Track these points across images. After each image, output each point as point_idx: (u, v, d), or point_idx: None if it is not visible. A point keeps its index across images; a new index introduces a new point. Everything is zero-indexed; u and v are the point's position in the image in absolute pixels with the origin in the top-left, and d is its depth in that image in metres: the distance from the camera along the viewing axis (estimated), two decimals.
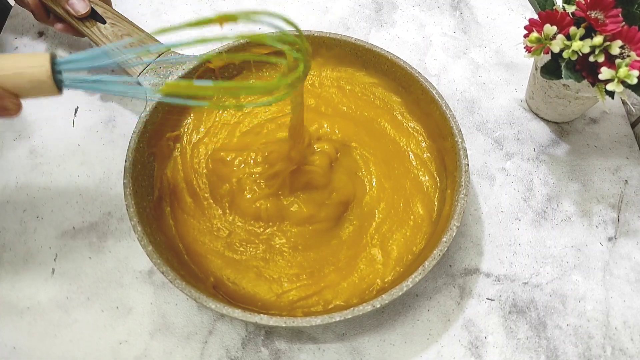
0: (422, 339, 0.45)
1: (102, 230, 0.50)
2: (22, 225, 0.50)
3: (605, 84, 0.42)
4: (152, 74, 0.51)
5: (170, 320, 0.45)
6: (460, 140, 0.46)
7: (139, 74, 0.51)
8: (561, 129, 0.57)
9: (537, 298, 0.47)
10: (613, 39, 0.42)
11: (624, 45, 0.42)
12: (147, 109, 0.48)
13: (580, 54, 0.43)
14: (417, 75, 0.50)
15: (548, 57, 0.46)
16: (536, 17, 0.46)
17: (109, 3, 0.55)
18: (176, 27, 0.32)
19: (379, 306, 0.39)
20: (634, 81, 0.40)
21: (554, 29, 0.44)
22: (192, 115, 0.53)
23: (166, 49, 0.52)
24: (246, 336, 0.45)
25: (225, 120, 0.53)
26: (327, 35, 0.53)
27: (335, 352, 0.44)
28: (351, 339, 0.45)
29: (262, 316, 0.39)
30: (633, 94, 0.44)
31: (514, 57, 0.62)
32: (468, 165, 0.45)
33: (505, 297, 0.47)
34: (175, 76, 0.50)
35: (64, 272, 0.48)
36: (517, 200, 0.52)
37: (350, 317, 0.39)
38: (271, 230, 0.47)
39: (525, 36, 0.46)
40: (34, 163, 0.53)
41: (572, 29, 0.43)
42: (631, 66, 0.41)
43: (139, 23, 0.54)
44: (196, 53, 0.52)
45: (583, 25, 0.43)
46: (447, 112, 0.48)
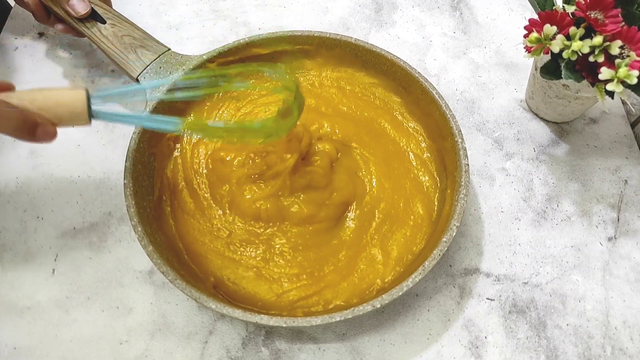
0: (422, 338, 0.45)
1: (103, 230, 0.50)
2: (22, 225, 0.50)
3: (605, 84, 0.42)
4: (153, 74, 0.51)
5: (170, 320, 0.45)
6: (460, 140, 0.46)
7: (139, 74, 0.51)
8: (561, 129, 0.57)
9: (537, 298, 0.47)
10: (613, 39, 0.42)
11: (623, 45, 0.42)
12: (148, 109, 0.48)
13: (580, 54, 0.43)
14: (417, 76, 0.50)
15: (548, 57, 0.46)
16: (536, 17, 0.46)
17: (109, 3, 0.55)
18: (192, 76, 0.40)
19: (379, 306, 0.39)
20: (634, 81, 0.40)
21: (554, 29, 0.44)
22: (192, 116, 0.53)
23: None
24: (246, 336, 0.45)
25: (226, 120, 0.53)
26: (327, 36, 0.53)
27: (336, 352, 0.44)
28: (351, 339, 0.45)
29: (262, 316, 0.39)
30: (633, 94, 0.44)
31: (514, 57, 0.62)
32: (468, 165, 0.45)
33: (505, 297, 0.47)
34: (176, 76, 0.50)
35: (64, 272, 0.48)
36: (517, 200, 0.52)
37: (350, 317, 0.39)
38: (271, 230, 0.47)
39: (525, 36, 0.46)
40: (34, 163, 0.54)
41: (572, 29, 0.43)
42: (631, 66, 0.41)
43: (139, 23, 0.54)
44: (196, 53, 0.52)
45: (583, 25, 0.43)
46: (447, 112, 0.48)
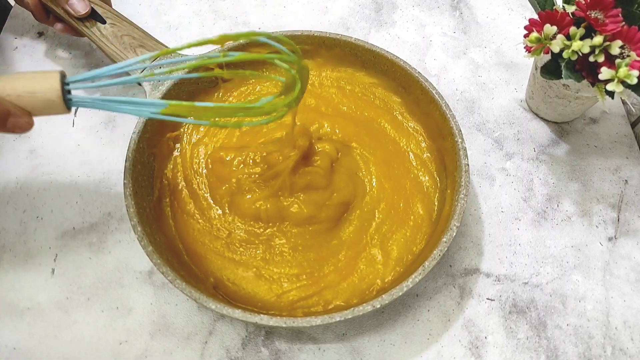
0: (422, 339, 0.45)
1: (102, 230, 0.50)
2: (22, 226, 0.50)
3: (605, 84, 0.42)
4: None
5: (170, 320, 0.45)
6: (460, 140, 0.46)
7: (139, 74, 0.51)
8: (561, 129, 0.57)
9: (537, 298, 0.47)
10: (613, 39, 0.42)
11: (624, 45, 0.42)
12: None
13: (580, 54, 0.43)
14: (417, 75, 0.50)
15: (548, 57, 0.46)
16: (536, 17, 0.46)
17: (108, 3, 0.55)
18: (179, 48, 0.33)
19: (379, 306, 0.39)
20: (634, 81, 0.40)
21: (554, 29, 0.44)
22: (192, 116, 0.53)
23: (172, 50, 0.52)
24: (246, 336, 0.45)
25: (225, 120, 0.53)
26: (327, 35, 0.53)
27: (336, 352, 0.44)
28: (351, 339, 0.45)
29: (262, 316, 0.39)
30: (633, 94, 0.44)
31: (514, 57, 0.62)
32: (468, 165, 0.45)
33: (505, 297, 0.47)
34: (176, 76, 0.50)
35: (64, 273, 0.48)
36: (517, 200, 0.52)
37: (350, 317, 0.39)
38: (271, 230, 0.47)
39: (525, 36, 0.46)
40: (34, 163, 0.53)
41: (572, 29, 0.43)
42: (631, 66, 0.41)
43: (139, 23, 0.54)
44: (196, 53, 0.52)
45: (583, 25, 0.43)
46: (447, 112, 0.48)
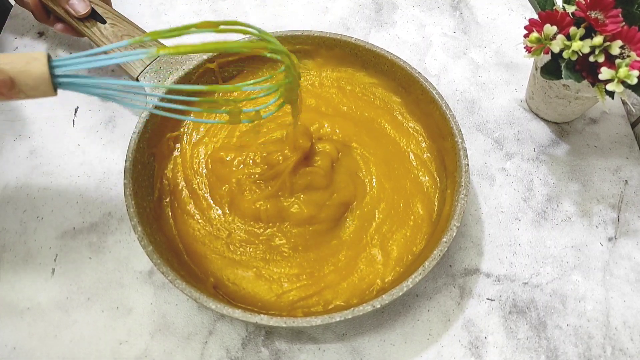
0: (422, 339, 0.45)
1: (102, 230, 0.50)
2: (22, 226, 0.50)
3: (605, 84, 0.42)
4: (153, 74, 0.51)
5: (170, 320, 0.45)
6: (460, 141, 0.46)
7: (139, 73, 0.51)
8: (561, 129, 0.57)
9: (537, 298, 0.47)
10: (613, 39, 0.42)
11: (624, 46, 0.42)
12: (148, 109, 0.48)
13: (580, 54, 0.43)
14: (417, 76, 0.50)
15: (548, 57, 0.46)
16: (536, 17, 0.46)
17: (109, 3, 0.55)
18: (163, 32, 0.32)
19: (379, 306, 0.39)
20: (634, 81, 0.40)
21: (554, 29, 0.44)
22: (192, 115, 0.53)
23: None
24: (246, 336, 0.45)
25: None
26: (327, 35, 0.53)
27: (336, 352, 0.44)
28: (351, 339, 0.45)
29: (262, 316, 0.39)
30: (633, 94, 0.44)
31: (514, 57, 0.62)
32: (468, 165, 0.45)
33: (505, 297, 0.47)
34: (176, 76, 0.50)
35: (64, 273, 0.48)
36: (517, 200, 0.52)
37: (350, 317, 0.39)
38: (271, 230, 0.47)
39: (525, 36, 0.46)
40: (34, 163, 0.53)
41: (572, 29, 0.43)
42: (631, 66, 0.41)
43: (139, 23, 0.54)
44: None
45: (583, 25, 0.43)
46: (447, 112, 0.48)
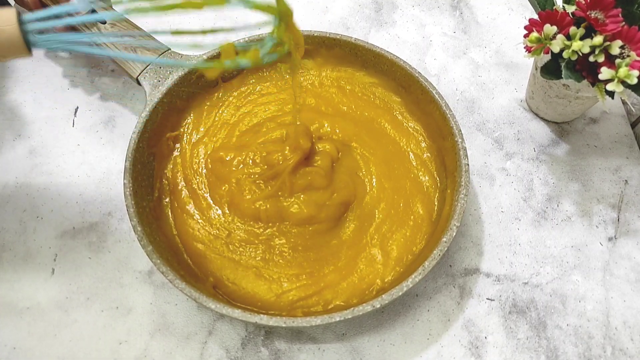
0: (422, 339, 0.45)
1: (102, 230, 0.50)
2: (21, 225, 0.50)
3: (605, 84, 0.42)
4: (152, 73, 0.51)
5: (170, 320, 0.45)
6: (460, 140, 0.46)
7: (139, 73, 0.51)
8: (561, 128, 0.57)
9: (537, 298, 0.47)
10: (613, 39, 0.42)
11: (624, 45, 0.42)
12: (147, 109, 0.48)
13: (580, 54, 0.43)
14: (417, 75, 0.50)
15: (548, 57, 0.46)
16: (536, 17, 0.46)
17: (109, 3, 0.55)
18: (145, 8, 0.32)
19: (379, 306, 0.39)
20: (634, 81, 0.40)
21: (554, 29, 0.44)
22: (192, 115, 0.53)
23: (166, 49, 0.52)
24: (246, 336, 0.45)
25: (225, 119, 0.53)
26: (327, 35, 0.53)
27: (335, 352, 0.44)
28: (351, 339, 0.45)
29: (262, 316, 0.39)
30: (633, 94, 0.44)
31: (514, 57, 0.62)
32: (468, 165, 0.45)
33: (505, 297, 0.47)
34: (176, 76, 0.50)
35: (64, 272, 0.48)
36: (517, 200, 0.52)
37: (350, 317, 0.39)
38: (271, 230, 0.47)
39: (525, 36, 0.46)
40: (33, 163, 0.53)
41: (572, 29, 0.43)
42: (631, 66, 0.41)
43: (139, 23, 0.54)
44: (196, 53, 0.52)
45: (583, 25, 0.43)
46: (447, 112, 0.48)
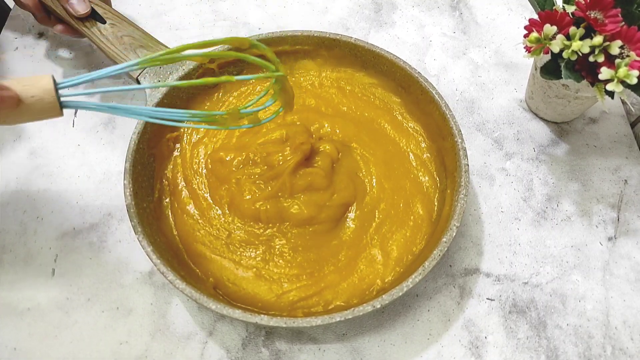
0: (423, 339, 0.45)
1: (103, 231, 0.50)
2: (22, 226, 0.50)
3: (605, 84, 0.42)
4: (152, 74, 0.51)
5: (170, 320, 0.45)
6: (460, 141, 0.46)
7: (139, 74, 0.51)
8: (561, 129, 0.57)
9: (537, 298, 0.47)
10: (612, 39, 0.42)
11: (623, 45, 0.42)
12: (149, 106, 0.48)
13: (580, 54, 0.43)
14: (416, 76, 0.50)
15: (548, 57, 0.46)
16: (536, 17, 0.46)
17: (109, 3, 0.55)
18: (179, 49, 0.36)
19: (379, 306, 0.39)
20: (634, 81, 0.40)
21: (554, 29, 0.44)
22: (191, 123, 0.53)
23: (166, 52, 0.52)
24: (246, 337, 0.45)
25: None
26: (327, 36, 0.53)
27: (336, 353, 0.44)
28: (351, 339, 0.45)
29: (262, 317, 0.39)
30: (632, 93, 0.44)
31: (514, 57, 0.62)
32: (468, 165, 0.45)
33: (505, 297, 0.47)
34: (176, 76, 0.50)
35: (64, 273, 0.48)
36: (517, 200, 0.52)
37: (350, 317, 0.39)
38: (271, 231, 0.47)
39: (525, 36, 0.46)
40: (34, 164, 0.53)
41: (572, 29, 0.43)
42: (631, 66, 0.41)
43: (139, 23, 0.54)
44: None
45: (583, 25, 0.43)
46: (447, 112, 0.48)
